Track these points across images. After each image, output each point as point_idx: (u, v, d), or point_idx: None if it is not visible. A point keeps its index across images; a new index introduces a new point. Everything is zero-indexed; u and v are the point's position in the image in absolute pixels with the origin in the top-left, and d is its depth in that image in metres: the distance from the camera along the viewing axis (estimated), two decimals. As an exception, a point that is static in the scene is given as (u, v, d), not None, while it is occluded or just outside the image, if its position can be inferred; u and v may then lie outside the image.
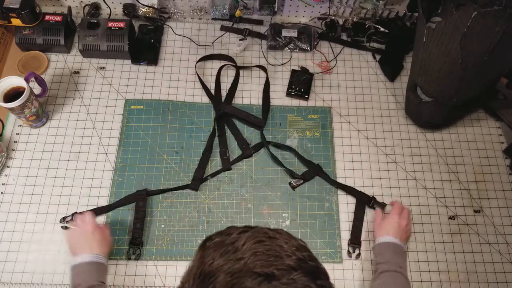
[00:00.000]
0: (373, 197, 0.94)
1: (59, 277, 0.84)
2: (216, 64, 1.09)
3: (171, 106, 1.02)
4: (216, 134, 0.99)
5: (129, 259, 0.86)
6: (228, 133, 1.00)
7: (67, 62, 1.06)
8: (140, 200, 0.90)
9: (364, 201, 0.93)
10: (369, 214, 0.93)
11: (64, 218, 0.88)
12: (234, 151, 0.98)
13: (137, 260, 0.86)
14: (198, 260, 0.46)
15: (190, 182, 0.93)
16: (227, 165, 0.96)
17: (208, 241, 0.47)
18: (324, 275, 0.46)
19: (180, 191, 0.93)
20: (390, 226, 0.84)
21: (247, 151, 0.97)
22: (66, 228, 0.87)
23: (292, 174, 0.95)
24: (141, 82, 1.05)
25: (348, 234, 0.91)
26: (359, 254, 0.89)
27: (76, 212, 0.89)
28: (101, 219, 0.89)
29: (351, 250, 0.89)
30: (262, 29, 1.15)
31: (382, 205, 0.93)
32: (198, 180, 0.93)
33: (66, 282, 0.84)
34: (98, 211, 0.89)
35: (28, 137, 0.97)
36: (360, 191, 0.94)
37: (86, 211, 0.86)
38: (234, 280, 0.41)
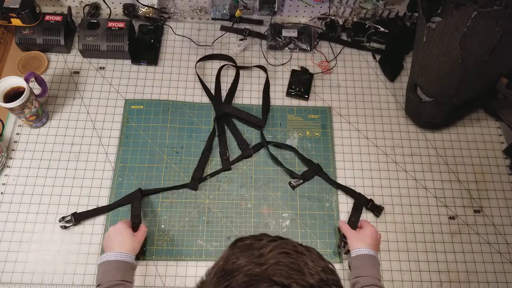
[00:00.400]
0: (370, 200, 0.93)
1: (59, 277, 0.84)
2: (216, 64, 1.09)
3: (171, 106, 1.02)
4: (216, 134, 0.99)
5: (150, 258, 0.86)
6: (228, 133, 1.00)
7: (67, 62, 1.06)
8: (135, 200, 0.90)
9: (362, 203, 0.93)
10: (365, 214, 0.93)
11: (63, 218, 0.88)
12: (234, 151, 0.98)
13: (137, 259, 0.86)
14: (224, 257, 0.46)
15: (189, 182, 0.93)
16: (227, 165, 0.96)
17: (239, 242, 0.48)
18: None
19: (180, 191, 0.93)
20: (369, 237, 0.83)
21: (247, 151, 0.97)
22: (65, 227, 0.87)
23: (291, 174, 0.95)
24: (141, 82, 1.05)
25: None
26: (348, 251, 0.87)
27: (76, 212, 0.89)
28: (101, 219, 0.90)
29: (341, 245, 0.88)
30: (262, 29, 1.15)
31: (380, 208, 0.93)
32: (197, 180, 0.93)
33: (66, 282, 0.84)
34: (95, 212, 0.89)
35: (28, 137, 0.97)
36: (359, 193, 0.94)
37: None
38: (251, 282, 0.42)
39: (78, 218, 0.88)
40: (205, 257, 0.88)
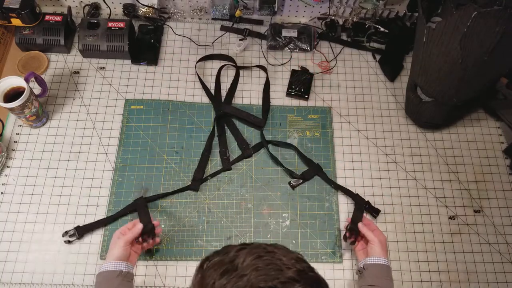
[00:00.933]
0: (367, 202, 0.93)
1: (59, 277, 0.84)
2: (216, 64, 1.09)
3: (171, 106, 1.02)
4: (216, 134, 0.99)
5: (150, 258, 0.86)
6: (228, 133, 1.00)
7: (67, 62, 1.06)
8: (141, 208, 0.87)
9: (361, 204, 0.93)
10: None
11: (66, 232, 0.86)
12: (234, 151, 0.98)
13: (155, 259, 0.86)
14: (198, 282, 0.45)
15: (190, 183, 0.93)
16: (227, 165, 0.96)
17: (206, 262, 0.48)
18: (324, 284, 0.47)
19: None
20: (385, 246, 0.81)
21: (247, 151, 0.97)
22: (69, 242, 0.86)
23: (291, 174, 0.95)
24: (141, 82, 1.05)
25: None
26: (354, 242, 0.85)
27: (79, 226, 0.87)
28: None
29: (348, 235, 0.85)
30: (262, 29, 1.15)
31: (376, 210, 0.93)
32: (198, 181, 0.93)
33: (66, 282, 0.84)
34: (98, 224, 0.88)
35: (28, 137, 0.97)
36: (356, 194, 0.94)
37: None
38: None
39: (81, 231, 0.86)
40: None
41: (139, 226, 0.79)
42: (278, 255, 0.46)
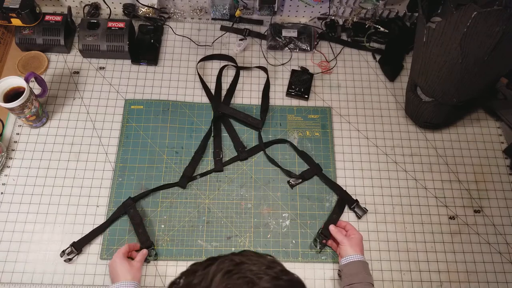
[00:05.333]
0: (356, 200, 0.93)
1: (59, 277, 0.84)
2: (216, 64, 1.09)
3: (171, 106, 1.02)
4: (212, 135, 0.99)
5: (148, 262, 0.86)
6: (226, 134, 1.00)
7: (67, 62, 1.06)
8: (130, 208, 0.88)
9: (345, 202, 0.93)
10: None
11: (63, 252, 0.85)
12: (232, 152, 0.98)
13: (156, 260, 0.86)
14: None
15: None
16: (219, 167, 0.95)
17: (173, 286, 0.45)
18: (300, 284, 0.45)
19: (180, 191, 0.93)
20: (359, 245, 0.82)
21: (243, 154, 0.97)
22: (70, 260, 0.85)
23: (289, 174, 0.95)
24: (141, 82, 1.05)
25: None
26: (324, 245, 0.87)
27: (74, 242, 0.86)
28: (101, 219, 0.89)
29: (318, 239, 0.87)
30: (262, 29, 1.15)
31: (363, 210, 0.92)
32: (186, 178, 0.93)
33: (66, 282, 0.84)
34: (93, 234, 0.87)
35: (28, 137, 0.97)
36: (345, 191, 0.94)
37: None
38: None
39: (78, 246, 0.86)
40: (205, 257, 0.87)
41: (125, 246, 0.82)
42: (248, 265, 0.43)
